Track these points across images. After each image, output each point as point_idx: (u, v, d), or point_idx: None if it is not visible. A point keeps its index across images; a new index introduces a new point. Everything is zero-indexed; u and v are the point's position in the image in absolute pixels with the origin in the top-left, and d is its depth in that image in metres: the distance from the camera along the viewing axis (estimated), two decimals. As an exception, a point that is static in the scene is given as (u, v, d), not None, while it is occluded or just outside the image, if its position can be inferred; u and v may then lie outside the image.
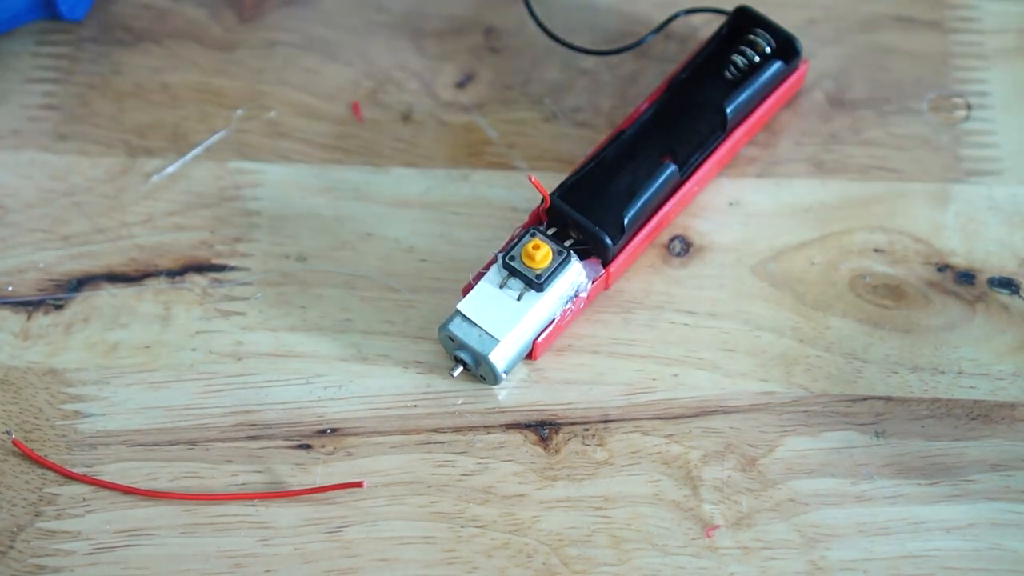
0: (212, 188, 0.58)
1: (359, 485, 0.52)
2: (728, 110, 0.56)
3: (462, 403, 0.54)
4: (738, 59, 0.57)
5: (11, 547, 0.51)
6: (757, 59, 0.57)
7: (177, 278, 0.56)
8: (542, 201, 0.53)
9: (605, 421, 0.54)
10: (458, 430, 0.54)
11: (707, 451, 0.53)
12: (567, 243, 0.54)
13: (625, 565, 0.51)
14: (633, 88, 0.61)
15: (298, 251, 0.57)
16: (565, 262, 0.53)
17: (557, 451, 0.53)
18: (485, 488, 0.52)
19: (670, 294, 0.56)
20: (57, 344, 0.55)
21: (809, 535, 0.52)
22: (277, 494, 0.52)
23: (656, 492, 0.52)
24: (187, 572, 0.51)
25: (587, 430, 0.54)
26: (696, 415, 0.54)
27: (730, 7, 0.59)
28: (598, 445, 0.53)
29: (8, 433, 0.53)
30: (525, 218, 0.56)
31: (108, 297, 0.56)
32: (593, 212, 0.54)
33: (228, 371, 0.55)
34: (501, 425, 0.54)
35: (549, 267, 0.53)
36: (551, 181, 0.55)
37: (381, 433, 0.53)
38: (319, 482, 0.52)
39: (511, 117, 0.60)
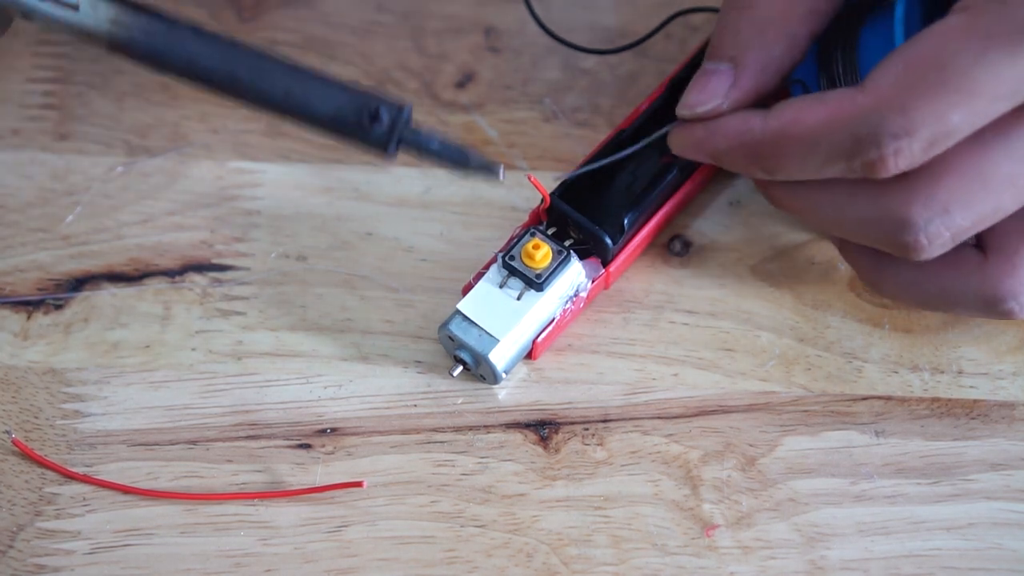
0: (212, 188, 0.58)
1: (359, 485, 0.52)
2: (728, 110, 0.56)
3: (462, 403, 0.54)
4: (738, 59, 0.57)
5: (11, 547, 0.51)
6: (757, 59, 0.57)
7: (177, 278, 0.56)
8: (542, 201, 0.53)
9: (605, 421, 0.54)
10: (458, 430, 0.54)
11: (707, 451, 0.53)
12: (567, 243, 0.54)
13: (625, 565, 0.51)
14: (633, 88, 0.61)
15: (298, 251, 0.57)
16: (565, 262, 0.53)
17: (557, 451, 0.53)
18: (485, 488, 0.53)
19: (670, 294, 0.56)
20: (57, 344, 0.55)
21: (809, 535, 0.52)
22: (277, 494, 0.52)
23: (656, 492, 0.52)
24: (187, 572, 0.51)
25: (587, 430, 0.54)
26: (696, 415, 0.54)
27: (730, 7, 0.59)
28: (598, 445, 0.53)
29: (8, 433, 0.53)
30: (525, 218, 0.56)
31: (108, 297, 0.56)
32: (593, 212, 0.54)
33: (228, 371, 0.55)
34: (501, 425, 0.54)
35: (549, 267, 0.53)
36: (551, 181, 0.55)
37: (381, 433, 0.53)
38: (319, 482, 0.52)
39: (511, 117, 0.60)
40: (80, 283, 0.56)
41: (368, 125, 0.48)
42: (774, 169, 0.48)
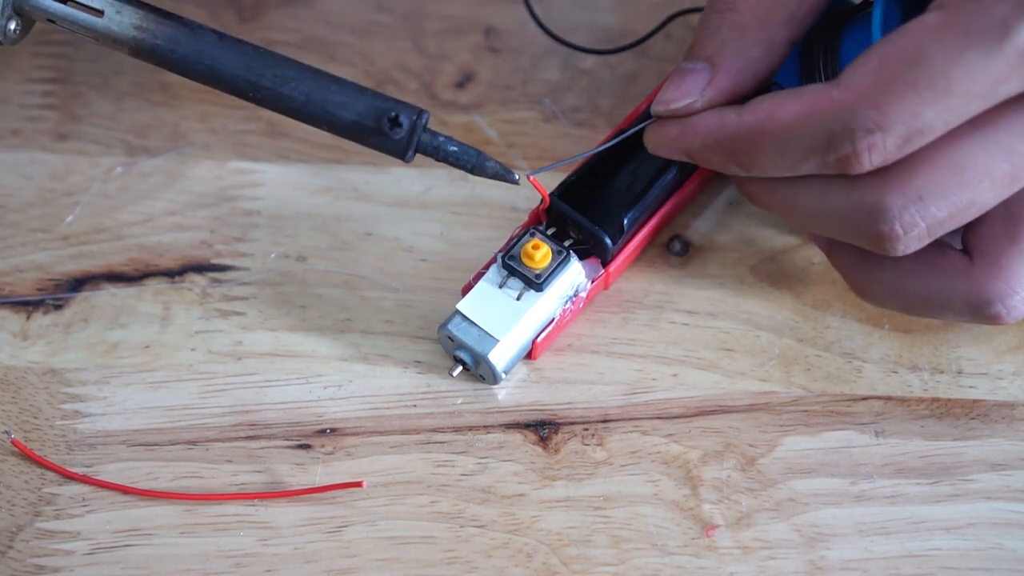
0: (212, 188, 0.58)
1: (359, 485, 0.52)
2: (728, 110, 0.56)
3: (462, 403, 0.54)
4: (738, 59, 0.57)
5: (11, 547, 0.51)
6: (757, 59, 0.57)
7: (177, 278, 0.56)
8: (542, 201, 0.53)
9: (605, 421, 0.54)
10: (458, 430, 0.54)
11: (707, 451, 0.53)
12: (567, 243, 0.54)
13: (624, 565, 0.51)
14: (633, 88, 0.61)
15: (298, 251, 0.57)
16: (565, 262, 0.53)
17: (557, 451, 0.53)
18: (485, 488, 0.52)
19: (670, 294, 0.56)
20: (57, 344, 0.55)
21: (809, 535, 0.52)
22: (277, 494, 0.52)
23: (656, 492, 0.52)
24: (187, 572, 0.51)
25: (587, 430, 0.54)
26: (696, 415, 0.54)
27: (730, 7, 0.59)
28: (598, 445, 0.53)
29: (7, 433, 0.53)
30: (525, 218, 0.56)
31: (108, 297, 0.56)
32: (593, 212, 0.54)
33: (227, 371, 0.55)
34: (501, 425, 0.54)
35: (549, 267, 0.53)
36: (551, 181, 0.55)
37: (381, 433, 0.53)
38: (319, 482, 0.52)
39: (511, 117, 0.60)
40: (80, 283, 0.56)
41: (388, 131, 0.49)
42: (749, 165, 0.48)
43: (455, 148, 0.50)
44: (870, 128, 0.45)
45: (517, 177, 0.50)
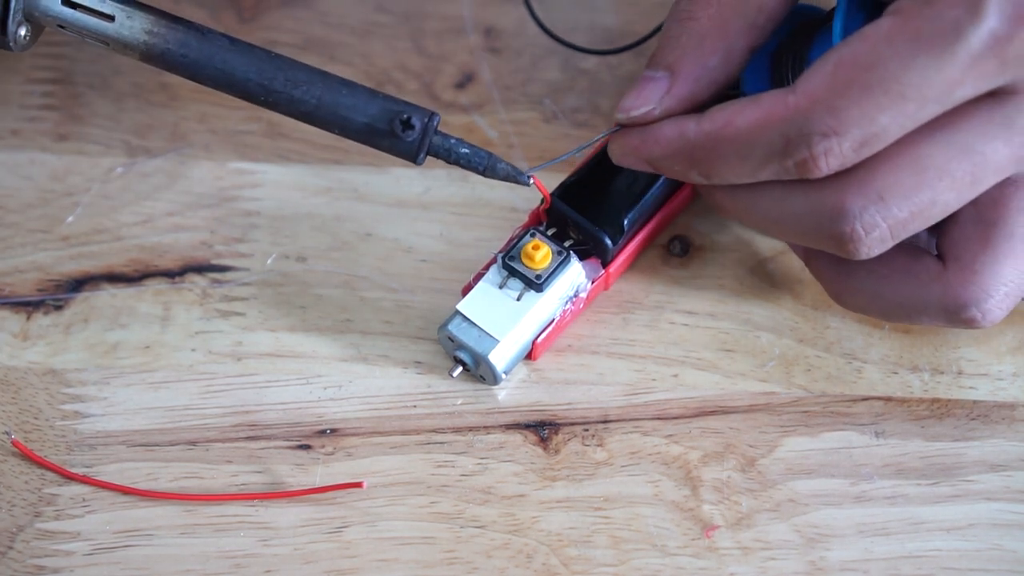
0: (212, 188, 0.58)
1: (359, 486, 0.52)
2: (728, 110, 0.56)
3: (462, 403, 0.54)
4: (737, 59, 0.57)
5: (11, 547, 0.51)
6: (757, 59, 0.57)
7: (177, 278, 0.56)
8: (542, 201, 0.53)
9: (605, 421, 0.54)
10: (458, 430, 0.54)
11: (707, 451, 0.53)
12: (567, 243, 0.54)
13: (625, 565, 0.51)
14: (633, 88, 0.61)
15: (297, 251, 0.57)
16: (565, 262, 0.53)
17: (557, 451, 0.53)
18: (485, 488, 0.53)
19: (670, 294, 0.56)
20: (57, 344, 0.55)
21: (809, 535, 0.52)
22: (277, 494, 0.52)
23: (656, 492, 0.52)
24: (187, 572, 0.51)
25: (587, 430, 0.54)
26: (696, 415, 0.54)
27: (730, 7, 0.59)
28: (598, 445, 0.53)
29: (8, 433, 0.53)
30: (525, 218, 0.56)
31: (108, 297, 0.56)
32: (593, 212, 0.54)
33: (228, 371, 0.55)
34: (501, 425, 0.54)
35: (549, 267, 0.53)
36: (551, 181, 0.55)
37: (381, 433, 0.53)
38: (319, 482, 0.52)
39: (511, 117, 0.60)
40: (80, 284, 0.56)
41: (400, 133, 0.49)
42: (710, 173, 0.48)
43: (466, 150, 0.50)
44: (825, 132, 0.45)
45: (529, 180, 0.51)
